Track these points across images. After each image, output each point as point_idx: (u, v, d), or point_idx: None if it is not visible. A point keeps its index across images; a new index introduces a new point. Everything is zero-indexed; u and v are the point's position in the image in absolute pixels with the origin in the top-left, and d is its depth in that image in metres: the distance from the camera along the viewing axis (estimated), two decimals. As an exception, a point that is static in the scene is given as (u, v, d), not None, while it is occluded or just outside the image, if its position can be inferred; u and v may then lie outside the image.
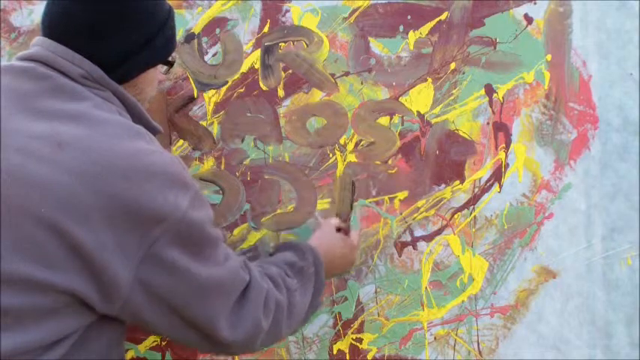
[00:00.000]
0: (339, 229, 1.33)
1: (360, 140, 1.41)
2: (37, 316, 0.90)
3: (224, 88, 1.41)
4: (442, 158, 1.40)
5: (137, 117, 1.05)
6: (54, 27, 1.00)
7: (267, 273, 1.12)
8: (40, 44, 1.00)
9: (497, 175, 1.40)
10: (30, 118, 0.93)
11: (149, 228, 0.91)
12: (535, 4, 1.38)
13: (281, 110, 1.41)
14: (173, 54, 1.11)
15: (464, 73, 1.40)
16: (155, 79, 1.11)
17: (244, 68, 1.41)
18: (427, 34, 1.40)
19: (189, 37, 1.40)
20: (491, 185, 1.41)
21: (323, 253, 1.23)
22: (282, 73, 1.41)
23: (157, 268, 0.93)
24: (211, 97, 1.42)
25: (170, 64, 1.13)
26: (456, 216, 1.41)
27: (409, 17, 1.40)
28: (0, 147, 0.91)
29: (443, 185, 1.41)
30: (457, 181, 1.41)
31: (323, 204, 1.41)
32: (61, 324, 0.92)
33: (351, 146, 1.41)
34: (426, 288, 1.41)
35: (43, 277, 0.89)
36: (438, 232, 1.41)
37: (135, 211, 0.90)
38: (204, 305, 0.99)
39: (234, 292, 1.03)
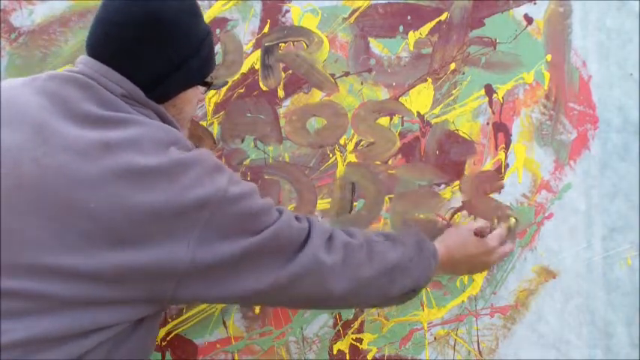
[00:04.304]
0: (477, 233, 1.32)
1: (360, 140, 1.41)
2: (75, 305, 0.95)
3: (224, 89, 1.41)
4: (442, 158, 1.40)
5: None
6: (96, 47, 1.06)
7: (343, 228, 1.17)
8: (84, 63, 1.06)
9: (497, 176, 1.40)
10: (76, 122, 0.99)
11: (195, 214, 0.98)
12: (535, 4, 1.38)
13: (281, 110, 1.41)
14: (211, 74, 1.16)
15: (464, 74, 1.40)
16: (195, 98, 1.16)
17: (244, 68, 1.41)
18: (427, 35, 1.40)
19: (190, 38, 1.40)
20: (491, 185, 1.41)
21: (450, 248, 1.27)
22: (282, 73, 1.41)
23: (212, 247, 0.99)
24: (211, 98, 1.42)
25: (208, 85, 1.17)
26: (456, 216, 1.41)
27: (409, 17, 1.39)
28: (47, 146, 0.96)
29: (443, 185, 1.41)
30: (457, 181, 1.41)
31: (323, 204, 1.42)
32: (97, 315, 0.96)
33: (351, 146, 1.41)
34: (426, 288, 1.41)
35: (87, 269, 0.94)
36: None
37: (178, 203, 0.97)
38: (264, 267, 1.04)
39: (293, 244, 1.07)
